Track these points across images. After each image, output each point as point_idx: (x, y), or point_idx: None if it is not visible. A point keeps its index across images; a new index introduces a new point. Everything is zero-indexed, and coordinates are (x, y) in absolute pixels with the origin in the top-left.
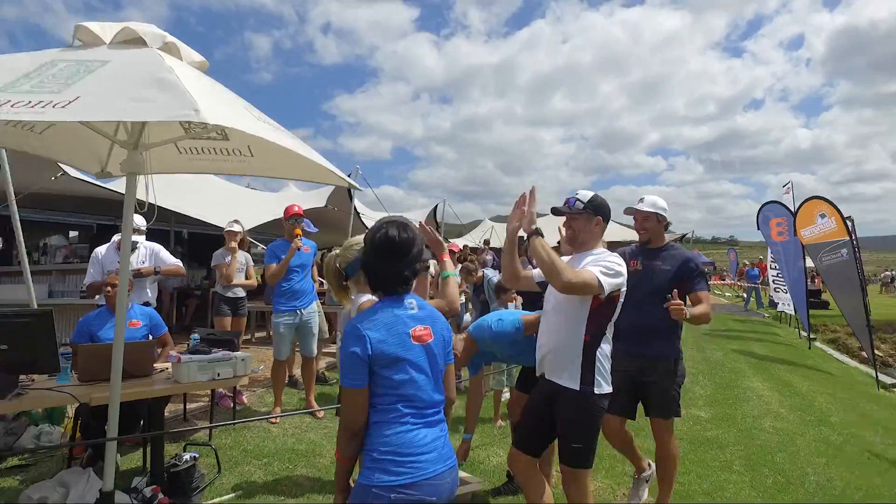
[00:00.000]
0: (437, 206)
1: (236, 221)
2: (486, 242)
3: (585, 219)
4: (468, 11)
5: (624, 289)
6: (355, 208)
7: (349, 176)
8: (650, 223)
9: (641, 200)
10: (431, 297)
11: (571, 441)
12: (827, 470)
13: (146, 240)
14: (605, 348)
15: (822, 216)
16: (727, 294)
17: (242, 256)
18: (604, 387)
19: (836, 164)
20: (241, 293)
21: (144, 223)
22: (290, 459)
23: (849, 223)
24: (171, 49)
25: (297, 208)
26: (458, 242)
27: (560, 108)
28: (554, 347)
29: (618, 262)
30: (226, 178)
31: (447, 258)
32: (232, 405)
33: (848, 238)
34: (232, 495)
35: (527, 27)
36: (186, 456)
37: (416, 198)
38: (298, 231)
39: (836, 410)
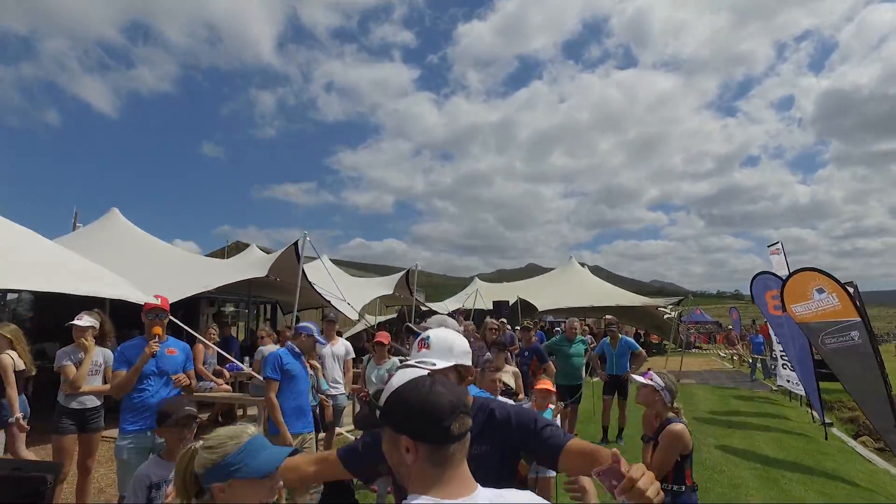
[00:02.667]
0: (408, 270)
1: (88, 312)
2: (459, 312)
3: (387, 439)
4: (467, 73)
5: None
6: (305, 276)
7: (297, 243)
8: None
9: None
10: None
11: None
12: None
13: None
14: None
15: (820, 291)
16: (734, 357)
17: (100, 355)
18: None
19: (836, 219)
20: (94, 402)
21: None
22: None
23: (851, 292)
24: None
25: (158, 301)
26: (450, 305)
27: (560, 165)
28: None
29: None
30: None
31: None
32: None
33: (859, 318)
34: None
35: (524, 87)
36: None
37: (418, 251)
38: (158, 330)
39: None
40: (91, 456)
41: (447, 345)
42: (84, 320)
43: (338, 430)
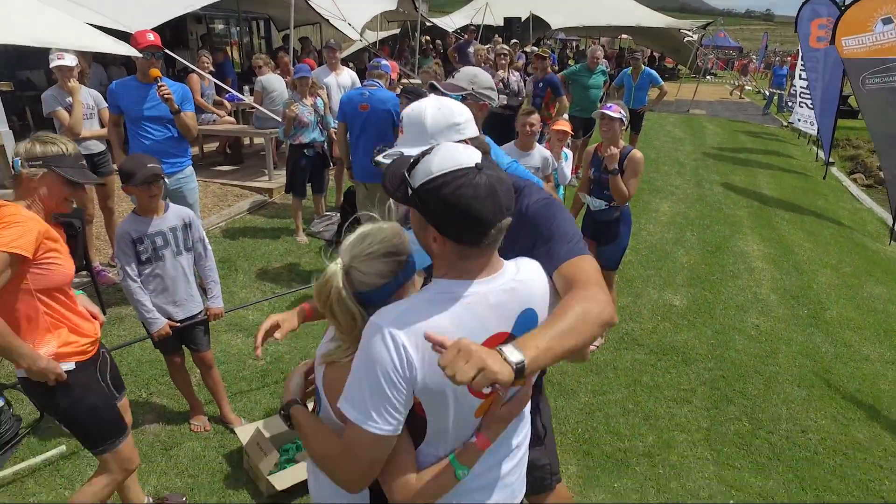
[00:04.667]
0: None
1: (65, 51)
2: (459, 37)
3: (416, 218)
4: None
5: None
6: None
7: None
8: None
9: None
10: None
11: None
12: (804, 414)
13: None
14: None
15: (886, 22)
16: (747, 87)
17: (89, 96)
18: None
19: None
20: (98, 146)
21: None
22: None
23: None
24: None
25: (151, 37)
26: (457, 21)
27: None
28: None
29: None
30: None
31: None
32: (114, 280)
33: None
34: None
35: None
36: None
37: None
38: (157, 72)
39: (836, 298)
40: (110, 197)
41: (419, 124)
42: (67, 59)
43: None
